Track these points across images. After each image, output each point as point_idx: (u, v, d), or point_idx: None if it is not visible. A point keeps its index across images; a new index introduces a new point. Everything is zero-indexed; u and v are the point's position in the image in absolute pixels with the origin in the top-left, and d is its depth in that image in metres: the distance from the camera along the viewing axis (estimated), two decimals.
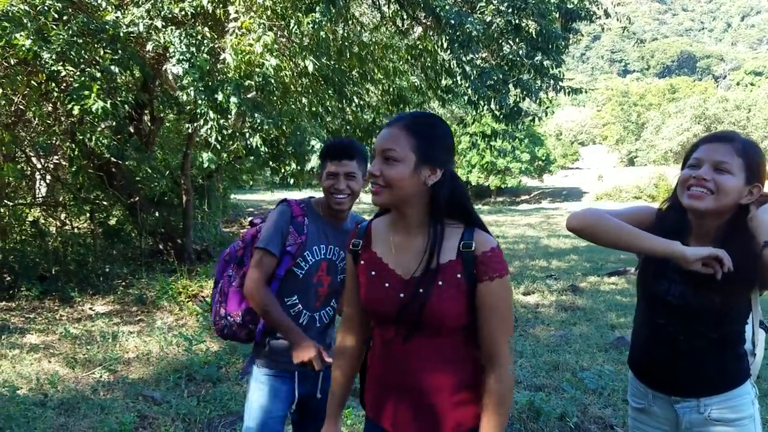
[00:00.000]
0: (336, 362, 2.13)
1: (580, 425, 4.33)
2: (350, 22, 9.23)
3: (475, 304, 1.81)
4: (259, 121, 7.06)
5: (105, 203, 10.61)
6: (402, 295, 1.84)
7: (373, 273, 1.93)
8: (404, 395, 1.90)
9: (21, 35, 6.14)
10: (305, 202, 2.70)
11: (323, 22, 6.96)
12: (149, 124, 10.30)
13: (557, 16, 9.34)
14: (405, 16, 9.72)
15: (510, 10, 8.49)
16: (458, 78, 9.39)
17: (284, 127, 7.61)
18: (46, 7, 6.43)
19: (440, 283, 1.80)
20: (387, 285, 1.88)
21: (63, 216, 10.46)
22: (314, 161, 7.49)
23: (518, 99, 9.59)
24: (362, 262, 1.97)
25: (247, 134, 7.35)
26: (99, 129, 8.32)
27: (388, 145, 1.79)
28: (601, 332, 6.85)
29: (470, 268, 1.79)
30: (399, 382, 1.90)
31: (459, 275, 1.80)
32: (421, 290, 1.81)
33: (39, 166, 9.95)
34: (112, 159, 8.86)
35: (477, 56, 9.04)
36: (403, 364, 1.89)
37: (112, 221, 11.13)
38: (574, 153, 64.84)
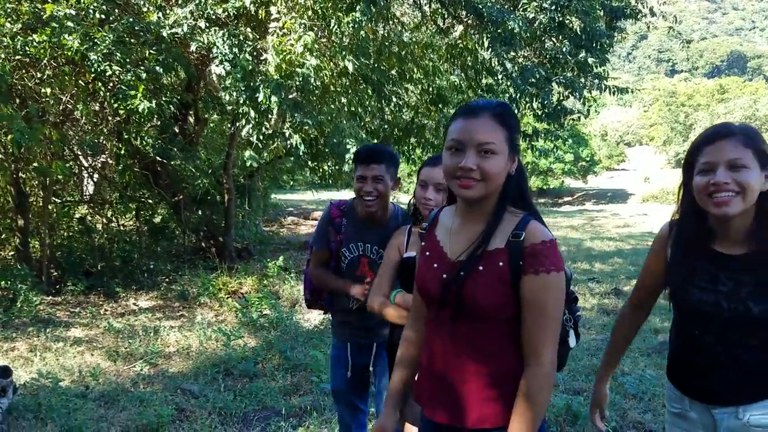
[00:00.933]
0: (398, 364, 2.12)
1: (618, 430, 4.25)
2: (391, 21, 9.23)
3: (519, 296, 1.76)
4: (298, 121, 7.11)
5: (150, 201, 10.83)
6: (445, 275, 1.84)
7: (428, 254, 1.95)
8: (440, 379, 1.89)
9: (69, 36, 6.31)
10: (347, 203, 3.01)
11: (363, 22, 6.98)
12: (193, 124, 10.48)
13: (602, 14, 9.19)
14: (446, 15, 9.68)
15: (553, 7, 8.37)
16: (499, 76, 9.30)
17: (323, 127, 7.65)
18: (91, 10, 6.59)
19: (481, 268, 1.78)
20: (435, 265, 1.89)
21: (109, 213, 10.70)
22: (349, 158, 7.52)
23: (561, 97, 9.46)
24: (423, 243, 2.00)
25: (287, 134, 7.41)
26: (145, 129, 8.51)
27: (487, 138, 1.75)
28: (643, 336, 6.69)
29: (516, 258, 1.76)
30: (437, 366, 1.90)
31: (501, 264, 1.77)
32: (461, 273, 1.80)
33: (86, 164, 10.20)
34: (158, 158, 9.04)
35: (519, 54, 8.94)
36: (443, 348, 1.88)
37: (157, 219, 11.35)
38: (620, 154, 63.60)
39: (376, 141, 9.92)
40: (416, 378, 2.06)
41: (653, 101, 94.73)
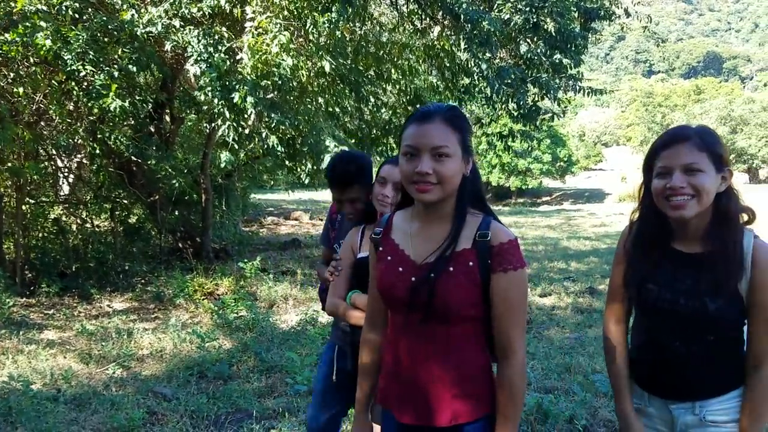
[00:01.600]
0: (360, 367, 2.16)
1: (588, 428, 4.29)
2: (368, 21, 9.24)
3: (488, 295, 1.82)
4: (275, 121, 7.09)
5: (125, 202, 10.73)
6: (413, 278, 1.87)
7: (390, 258, 1.96)
8: (409, 381, 1.92)
9: (41, 35, 6.23)
10: None
11: (339, 22, 6.98)
12: (169, 123, 10.40)
13: (576, 15, 9.25)
14: (423, 16, 9.70)
15: (528, 9, 8.42)
16: (476, 77, 9.34)
17: (300, 127, 7.63)
18: (64, 7, 6.52)
19: (451, 269, 1.82)
20: (400, 269, 1.91)
21: (84, 214, 10.59)
22: (327, 160, 7.49)
23: (537, 98, 9.52)
24: (381, 248, 2.01)
25: (264, 134, 7.38)
26: (120, 128, 8.43)
27: (440, 142, 1.79)
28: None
29: (485, 258, 1.81)
30: (406, 368, 1.93)
31: (471, 263, 1.82)
32: (431, 275, 1.83)
33: (61, 164, 10.08)
34: (133, 158, 8.96)
35: (495, 55, 8.98)
36: (411, 351, 1.91)
37: (133, 219, 11.25)
38: (598, 154, 64.25)
39: (354, 141, 9.91)
40: (380, 381, 2.08)
41: (630, 102, 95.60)
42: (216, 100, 6.86)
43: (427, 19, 9.70)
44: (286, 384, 4.93)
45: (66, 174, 10.50)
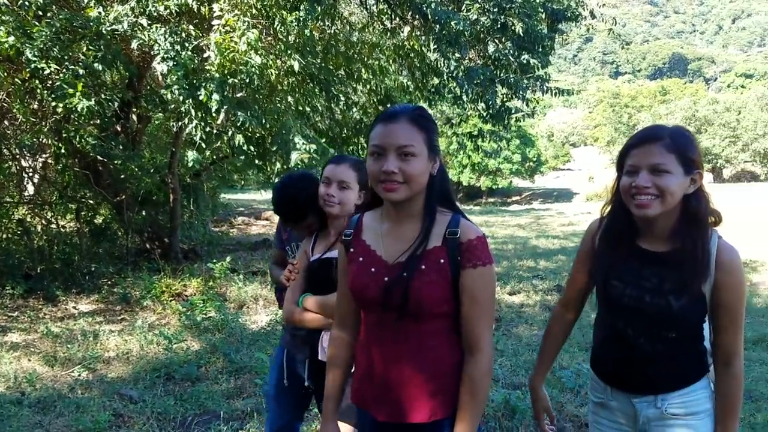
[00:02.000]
0: (330, 366, 2.16)
1: (555, 423, 4.33)
2: (337, 21, 9.22)
3: (458, 291, 1.85)
4: (242, 119, 7.04)
5: (91, 202, 10.56)
6: (386, 278, 1.89)
7: (361, 259, 1.98)
8: (386, 380, 1.93)
9: (2, 30, 6.11)
10: None
11: (308, 21, 6.96)
12: (136, 122, 10.27)
13: (543, 16, 9.36)
14: (393, 15, 9.71)
15: (496, 9, 8.49)
16: (445, 77, 9.39)
17: (269, 126, 7.58)
18: (27, 3, 6.40)
19: (423, 267, 1.85)
20: (373, 270, 1.93)
21: (49, 215, 10.40)
22: (295, 159, 7.43)
23: (505, 98, 9.60)
24: (352, 250, 2.02)
25: (231, 133, 7.32)
26: (85, 127, 8.29)
27: (406, 141, 1.82)
28: (583, 332, 6.84)
29: (455, 254, 1.84)
30: (381, 367, 1.94)
31: (442, 260, 1.85)
32: (404, 274, 1.86)
33: (26, 164, 9.89)
34: (99, 157, 8.83)
35: (464, 55, 9.04)
36: (386, 349, 1.94)
37: (99, 220, 11.07)
38: (566, 154, 64.93)
39: (325, 140, 9.88)
40: (352, 381, 2.10)
41: (597, 102, 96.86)
42: (182, 98, 6.79)
43: (397, 18, 9.73)
44: (255, 385, 4.91)
45: (30, 174, 10.31)
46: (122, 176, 10.01)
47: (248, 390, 4.83)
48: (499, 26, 8.61)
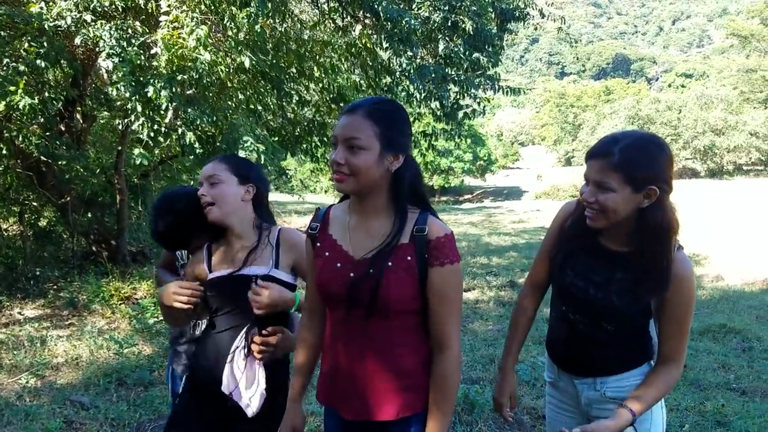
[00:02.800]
0: (297, 351, 2.13)
1: (514, 416, 4.38)
2: (288, 18, 9.13)
3: (425, 289, 1.84)
4: (192, 117, 6.90)
5: (35, 204, 10.21)
6: (352, 274, 1.86)
7: (327, 254, 1.95)
8: (353, 377, 1.91)
9: None
10: None
11: (258, 17, 6.86)
12: (81, 121, 9.96)
13: (493, 16, 9.46)
14: (344, 14, 9.67)
15: (446, 7, 8.55)
16: (398, 75, 9.40)
17: (219, 124, 7.44)
18: None
19: (390, 264, 1.83)
20: (339, 265, 1.91)
21: None
22: (242, 155, 7.31)
23: (458, 96, 9.68)
24: (318, 244, 1.99)
25: (180, 131, 7.17)
26: (29, 127, 8.01)
27: (352, 133, 1.79)
28: (536, 326, 6.90)
29: (422, 252, 1.83)
30: (348, 365, 1.92)
31: (409, 258, 1.83)
32: (371, 270, 1.83)
33: None
34: (43, 158, 8.54)
35: (416, 53, 9.07)
36: (353, 347, 1.91)
37: (43, 223, 10.71)
38: (515, 153, 66.03)
39: (277, 139, 9.78)
40: (320, 379, 2.07)
41: (544, 102, 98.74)
42: (129, 95, 6.61)
43: (348, 17, 9.70)
44: None
45: None
46: (67, 177, 9.71)
47: None
48: (449, 24, 8.67)
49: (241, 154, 7.26)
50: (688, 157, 50.19)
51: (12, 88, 6.27)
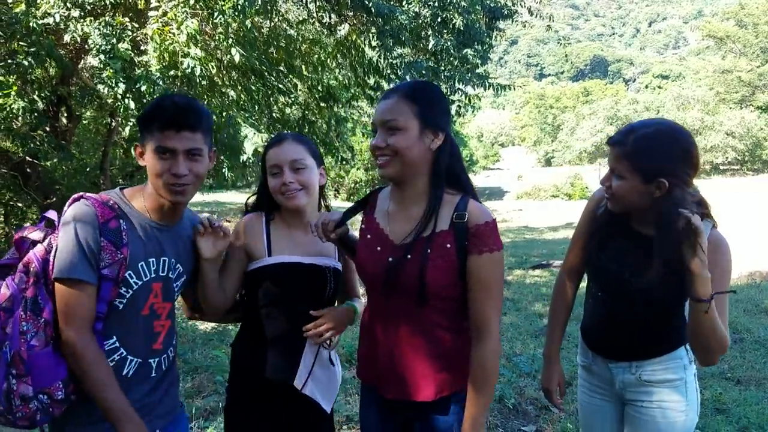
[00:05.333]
0: None
1: (517, 406, 4.45)
2: (276, 17, 9.10)
3: (465, 276, 1.83)
4: None
5: (20, 205, 10.08)
6: (390, 259, 1.87)
7: (369, 236, 1.97)
8: (392, 358, 1.92)
9: None
10: (116, 195, 1.92)
11: (247, 11, 6.83)
12: (66, 121, 9.85)
13: (482, 14, 9.51)
14: (331, 13, 9.66)
15: (436, 4, 8.61)
16: (387, 71, 9.41)
17: (214, 118, 7.39)
18: None
19: (429, 251, 1.82)
20: (379, 248, 1.92)
21: None
22: (250, 150, 7.26)
23: (448, 92, 9.71)
24: (363, 226, 2.01)
25: None
26: (15, 127, 7.90)
27: (389, 116, 1.80)
28: (530, 321, 7.04)
29: (462, 239, 1.81)
30: (387, 346, 1.93)
31: (449, 245, 1.82)
32: (408, 256, 1.83)
33: None
34: (27, 158, 8.43)
35: (405, 51, 9.10)
36: (390, 329, 1.92)
37: (28, 224, 10.57)
38: (495, 154, 66.53)
39: (269, 136, 9.76)
40: (361, 359, 2.10)
41: (524, 104, 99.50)
42: (120, 93, 6.54)
43: (336, 15, 9.68)
44: (215, 383, 4.77)
45: None
46: (52, 177, 9.60)
47: (208, 388, 4.68)
48: (439, 21, 8.71)
49: (248, 145, 7.21)
50: None
51: (6, 91, 6.19)
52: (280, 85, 8.97)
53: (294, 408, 2.19)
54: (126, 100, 6.63)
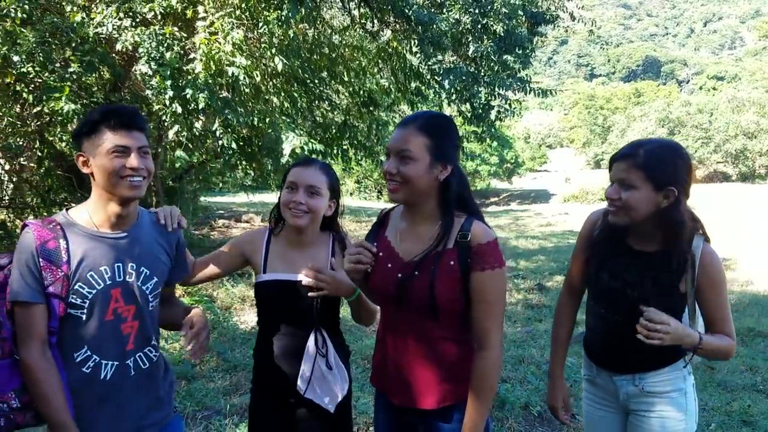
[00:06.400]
0: None
1: (543, 414, 4.50)
2: (319, 24, 9.29)
3: (468, 291, 1.97)
4: (231, 119, 7.10)
5: (74, 205, 10.49)
6: (400, 275, 2.01)
7: (381, 254, 2.11)
8: (399, 367, 2.07)
9: None
10: (61, 216, 2.09)
11: (290, 20, 7.04)
12: None
13: (523, 19, 9.52)
14: (374, 19, 9.81)
15: (477, 11, 8.66)
16: (428, 77, 9.52)
17: (258, 124, 7.61)
18: (12, 9, 6.40)
19: (434, 267, 1.96)
20: (389, 265, 2.07)
21: (31, 218, 10.31)
22: (288, 149, 7.41)
23: (489, 97, 9.76)
24: (375, 244, 2.15)
25: (218, 133, 7.37)
26: (69, 131, 8.27)
27: (403, 145, 1.94)
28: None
29: (465, 257, 1.95)
30: (395, 356, 2.08)
31: (452, 263, 1.96)
32: (416, 272, 1.98)
33: (8, 167, 9.81)
34: None
35: (445, 58, 9.18)
36: (399, 340, 2.07)
37: None
38: (542, 156, 65.58)
39: (313, 141, 9.95)
40: (374, 367, 2.26)
41: (573, 105, 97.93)
42: (167, 100, 6.83)
43: (379, 22, 9.83)
44: (252, 381, 4.95)
45: (12, 177, 10.23)
46: None
47: (245, 386, 4.86)
48: (480, 27, 8.77)
49: (286, 146, 7.37)
50: (719, 160, 49.53)
51: (57, 95, 6.51)
52: (322, 92, 9.15)
53: (302, 410, 2.43)
54: (174, 106, 6.90)
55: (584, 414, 2.59)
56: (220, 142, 7.43)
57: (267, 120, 7.65)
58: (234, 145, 7.39)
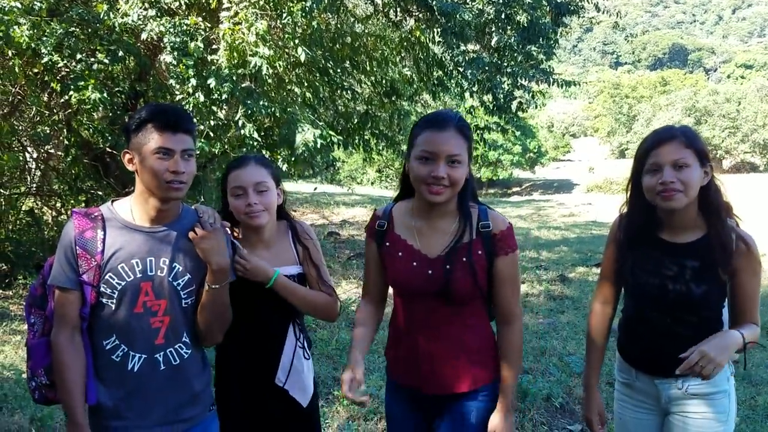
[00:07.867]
0: (358, 325, 2.31)
1: (564, 405, 4.51)
2: (342, 13, 9.29)
3: (491, 275, 2.11)
4: (254, 109, 7.15)
5: (100, 193, 10.65)
6: (430, 272, 2.09)
7: (401, 254, 2.17)
8: (434, 358, 2.16)
9: (17, 30, 6.21)
10: (105, 207, 2.13)
11: (314, 11, 7.06)
12: None
13: (548, 9, 9.43)
14: (397, 8, 9.78)
15: (501, 0, 8.62)
16: (450, 67, 9.50)
17: (278, 114, 7.66)
18: (38, 2, 6.51)
19: (464, 259, 2.06)
20: (414, 264, 2.13)
21: (58, 205, 10.50)
22: (300, 140, 7.44)
23: (511, 88, 9.71)
24: (387, 244, 2.21)
25: (240, 122, 7.43)
26: (96, 120, 8.39)
27: (455, 150, 2.01)
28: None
29: (489, 245, 2.08)
30: (429, 348, 2.16)
31: (480, 252, 2.08)
32: (447, 266, 2.07)
33: (36, 155, 9.99)
34: (108, 149, 8.92)
35: (468, 48, 9.14)
36: (432, 332, 2.15)
37: None
38: (566, 145, 65.00)
39: (331, 132, 9.98)
40: (398, 363, 2.30)
41: (598, 93, 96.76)
42: (191, 89, 6.90)
43: (402, 11, 9.80)
44: None
45: (40, 165, 10.41)
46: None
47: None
48: (504, 17, 8.72)
49: (299, 137, 7.40)
50: (746, 150, 48.87)
51: (83, 83, 6.61)
52: (344, 82, 9.16)
53: (273, 405, 2.46)
54: (197, 95, 6.98)
55: (616, 416, 2.54)
56: (243, 131, 7.49)
57: (288, 110, 7.68)
58: (256, 135, 7.44)
